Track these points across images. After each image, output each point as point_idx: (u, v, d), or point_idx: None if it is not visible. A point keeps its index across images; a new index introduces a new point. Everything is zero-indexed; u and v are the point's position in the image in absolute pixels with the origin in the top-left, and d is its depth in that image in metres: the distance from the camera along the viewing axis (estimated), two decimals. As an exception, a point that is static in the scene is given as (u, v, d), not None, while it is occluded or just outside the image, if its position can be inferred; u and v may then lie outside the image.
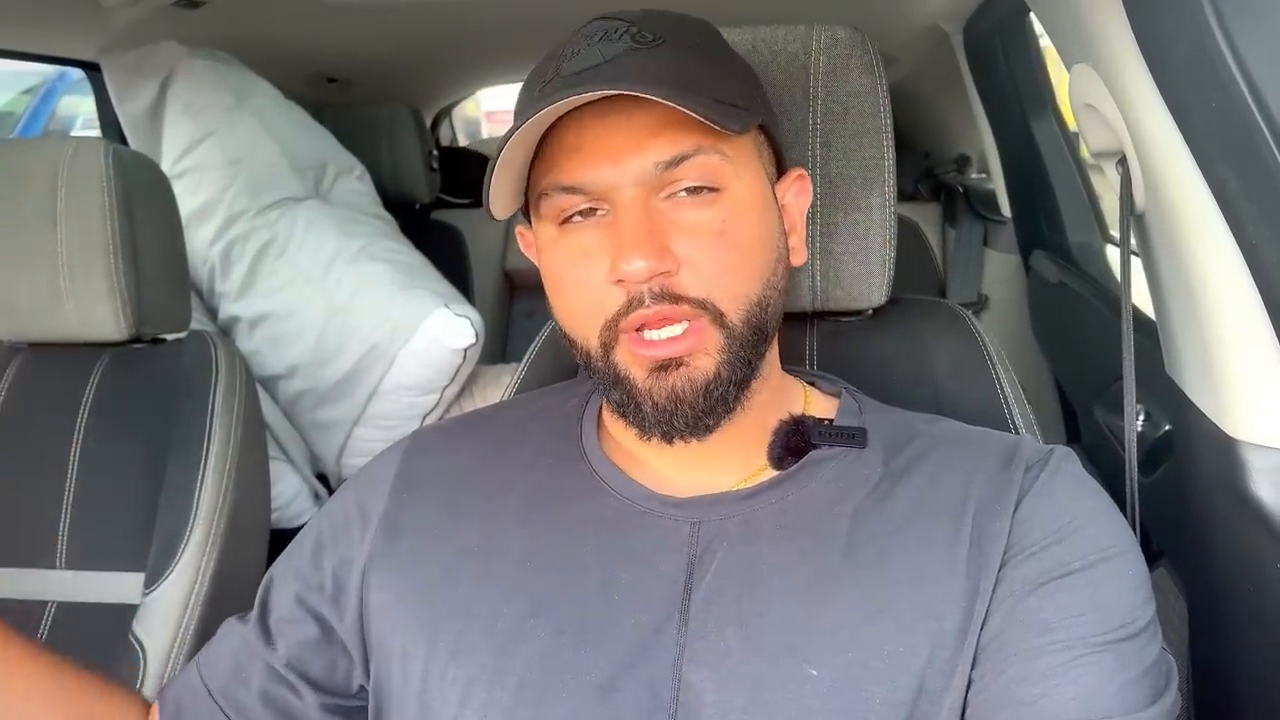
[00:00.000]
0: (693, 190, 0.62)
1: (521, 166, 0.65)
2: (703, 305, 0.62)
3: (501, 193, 0.65)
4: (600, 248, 0.62)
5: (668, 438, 0.64)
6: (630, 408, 0.64)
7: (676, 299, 0.61)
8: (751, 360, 0.65)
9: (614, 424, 0.72)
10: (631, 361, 0.63)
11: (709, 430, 0.64)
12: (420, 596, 0.68)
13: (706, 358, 0.62)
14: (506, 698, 0.62)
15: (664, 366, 0.62)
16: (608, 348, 0.64)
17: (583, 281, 0.63)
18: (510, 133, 0.60)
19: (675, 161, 0.61)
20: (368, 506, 0.73)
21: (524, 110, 0.62)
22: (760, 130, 0.69)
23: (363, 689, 0.72)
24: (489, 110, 5.55)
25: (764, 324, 0.65)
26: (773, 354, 0.71)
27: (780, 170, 0.72)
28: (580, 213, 0.63)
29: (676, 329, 0.62)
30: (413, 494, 0.73)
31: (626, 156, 0.61)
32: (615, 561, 0.65)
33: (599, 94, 0.59)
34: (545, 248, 0.66)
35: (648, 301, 0.61)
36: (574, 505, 0.69)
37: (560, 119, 0.63)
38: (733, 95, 0.64)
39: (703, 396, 0.62)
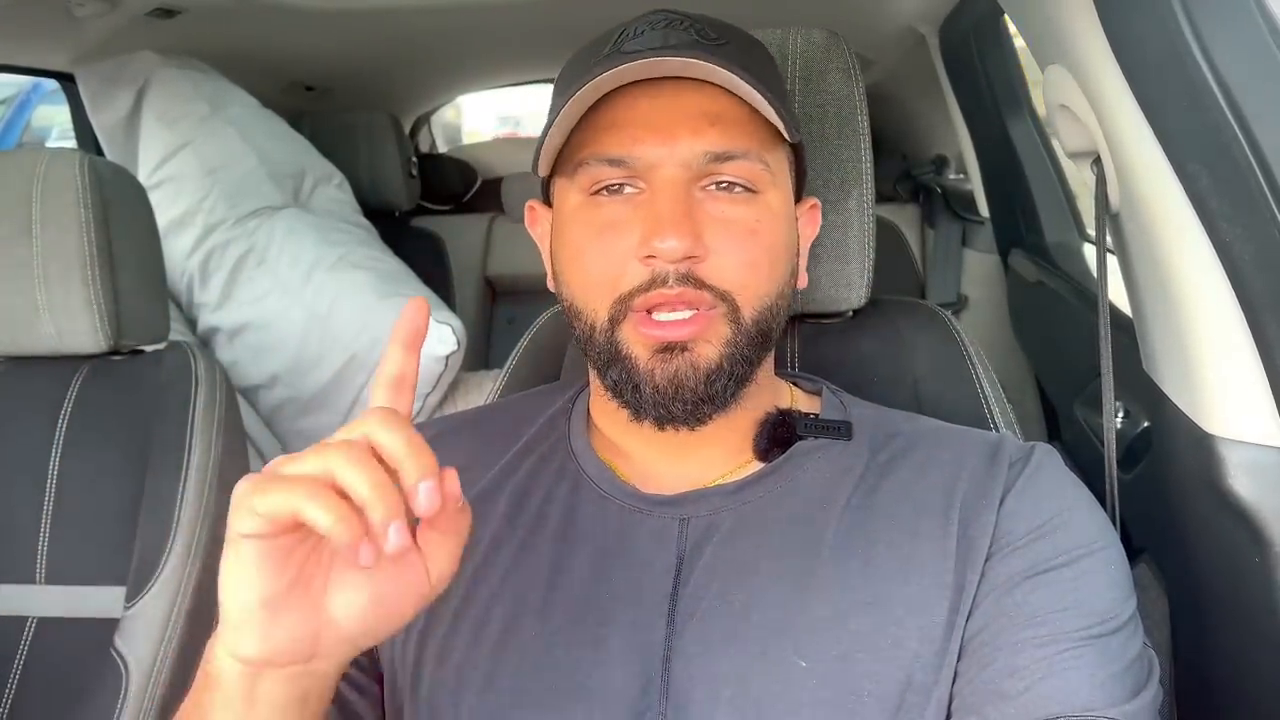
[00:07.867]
0: (728, 187, 0.63)
1: (564, 133, 0.65)
2: (723, 296, 0.62)
3: (542, 156, 0.66)
4: (629, 222, 0.62)
5: (661, 423, 0.64)
6: (628, 388, 0.64)
7: (700, 284, 0.61)
8: (753, 359, 0.65)
9: (603, 411, 0.72)
10: (636, 340, 0.63)
11: (703, 421, 0.64)
12: None
13: (710, 347, 0.63)
14: (497, 700, 0.62)
15: (669, 349, 0.62)
16: (615, 322, 0.64)
17: (605, 253, 0.63)
18: (576, 90, 0.60)
19: (724, 157, 0.62)
20: None
21: (580, 78, 0.62)
22: (793, 150, 0.70)
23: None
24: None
25: (770, 327, 0.66)
26: (769, 357, 0.71)
27: (798, 194, 0.73)
28: (608, 188, 0.64)
29: (685, 313, 0.62)
30: None
31: (679, 139, 0.61)
32: (603, 562, 0.65)
33: (685, 60, 0.59)
34: (569, 216, 0.66)
35: (672, 282, 0.61)
36: (560, 505, 0.69)
37: (610, 93, 0.63)
38: (788, 107, 0.65)
39: (704, 384, 0.63)
